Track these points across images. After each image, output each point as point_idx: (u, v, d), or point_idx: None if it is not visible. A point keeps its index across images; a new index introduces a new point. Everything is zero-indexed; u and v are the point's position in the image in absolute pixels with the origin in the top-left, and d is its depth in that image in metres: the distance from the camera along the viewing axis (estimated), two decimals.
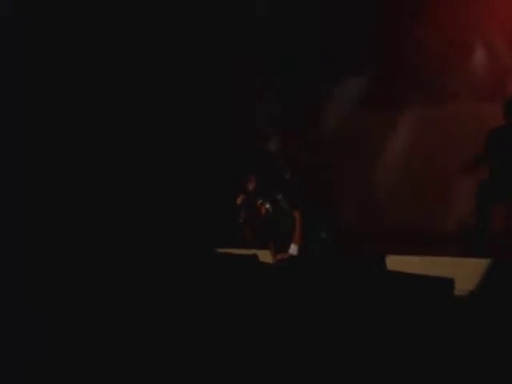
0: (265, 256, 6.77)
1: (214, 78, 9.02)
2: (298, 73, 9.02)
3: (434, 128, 8.80)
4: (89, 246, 6.39)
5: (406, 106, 8.95)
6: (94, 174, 8.65)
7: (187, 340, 4.41)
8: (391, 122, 9.02)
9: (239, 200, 6.97)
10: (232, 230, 7.36)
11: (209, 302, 4.70)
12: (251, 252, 6.75)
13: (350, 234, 7.75)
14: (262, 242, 7.04)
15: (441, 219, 8.40)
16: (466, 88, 8.74)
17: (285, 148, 9.06)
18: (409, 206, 8.63)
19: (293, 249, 6.67)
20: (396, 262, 5.78)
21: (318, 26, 8.93)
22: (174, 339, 4.42)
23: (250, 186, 6.96)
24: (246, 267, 5.59)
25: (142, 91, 8.91)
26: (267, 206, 6.96)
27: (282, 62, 9.15)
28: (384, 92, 9.01)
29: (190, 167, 8.90)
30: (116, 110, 8.85)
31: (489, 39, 8.66)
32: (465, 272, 5.48)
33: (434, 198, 8.61)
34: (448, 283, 4.27)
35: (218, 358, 4.26)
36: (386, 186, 8.90)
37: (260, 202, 6.98)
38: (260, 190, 6.93)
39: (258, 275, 5.31)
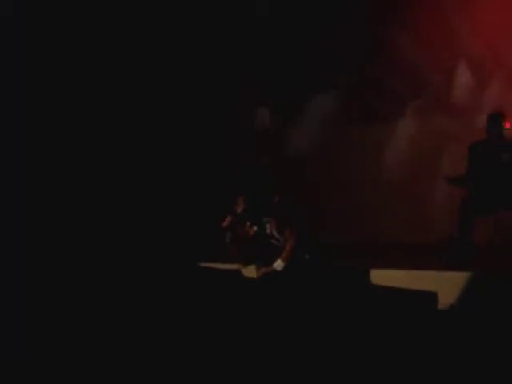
0: (249, 271, 6.78)
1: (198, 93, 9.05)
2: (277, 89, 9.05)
3: (415, 141, 8.90)
4: (75, 248, 6.42)
5: (387, 121, 9.03)
6: (81, 175, 8.68)
7: (170, 351, 4.40)
8: (372, 136, 9.08)
9: (226, 222, 7.06)
10: (219, 246, 7.38)
11: (192, 315, 4.71)
12: (235, 267, 6.78)
13: (334, 247, 7.76)
14: (248, 260, 7.05)
15: (424, 232, 8.44)
16: (445, 102, 8.81)
17: (267, 165, 9.10)
18: (392, 220, 8.67)
19: (278, 264, 6.67)
20: (380, 276, 5.78)
21: (295, 40, 8.97)
22: (157, 350, 4.41)
23: (238, 209, 7.06)
24: (229, 281, 5.61)
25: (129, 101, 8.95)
26: (255, 228, 6.99)
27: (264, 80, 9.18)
28: (364, 107, 9.07)
29: (181, 182, 8.91)
30: (109, 112, 8.85)
31: (471, 56, 8.73)
32: (448, 285, 5.49)
33: (417, 212, 8.66)
34: (431, 297, 4.28)
35: (201, 368, 4.24)
36: (369, 199, 8.93)
37: (248, 224, 7.02)
38: (248, 212, 6.99)
39: (241, 289, 5.33)
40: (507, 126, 7.51)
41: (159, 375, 4.25)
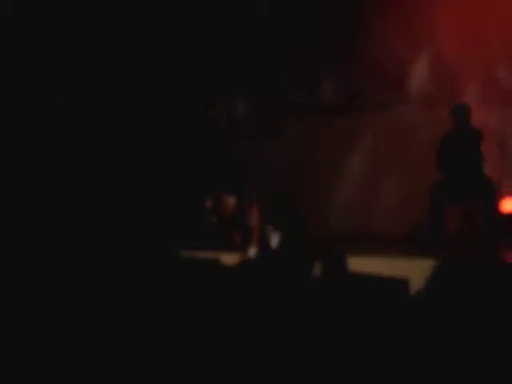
0: (229, 259, 6.86)
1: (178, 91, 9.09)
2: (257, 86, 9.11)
3: (388, 132, 9.04)
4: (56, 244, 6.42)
5: (361, 112, 9.12)
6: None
7: (147, 344, 4.43)
8: (346, 128, 9.19)
9: (208, 203, 7.07)
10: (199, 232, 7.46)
11: (170, 306, 4.72)
12: (214, 255, 6.84)
13: (312, 235, 7.89)
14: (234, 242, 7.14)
15: (396, 221, 8.60)
16: (423, 93, 8.95)
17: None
18: (364, 209, 8.80)
19: (251, 251, 6.78)
20: (355, 263, 5.91)
21: (275, 36, 9.05)
22: (133, 343, 4.44)
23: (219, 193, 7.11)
24: (208, 270, 5.62)
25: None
26: (232, 200, 7.06)
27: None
28: (340, 100, 9.16)
29: (159, 173, 8.95)
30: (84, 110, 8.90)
31: (446, 45, 8.86)
32: (420, 272, 5.63)
33: (389, 201, 8.79)
34: (403, 283, 4.38)
35: (180, 362, 4.29)
36: (340, 191, 9.08)
37: (226, 197, 7.06)
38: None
39: (219, 278, 5.33)
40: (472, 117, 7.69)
41: (138, 367, 4.27)
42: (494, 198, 7.57)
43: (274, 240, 6.93)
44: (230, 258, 6.71)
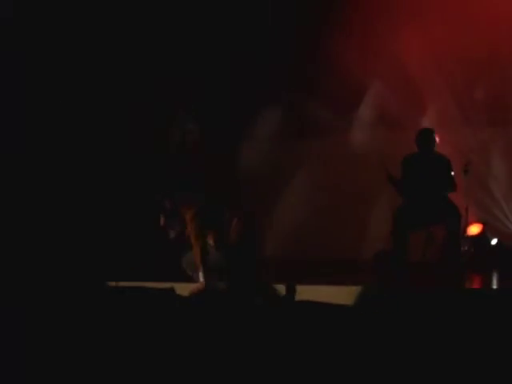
0: (182, 289, 6.67)
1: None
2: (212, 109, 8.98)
3: (349, 157, 8.89)
4: None
5: (321, 136, 9.00)
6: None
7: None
8: (306, 153, 9.09)
9: (161, 221, 6.87)
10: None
11: (121, 341, 4.52)
12: (167, 285, 6.62)
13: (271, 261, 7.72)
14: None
15: (357, 248, 8.43)
16: (382, 116, 8.84)
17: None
18: (326, 235, 8.65)
19: (200, 276, 6.68)
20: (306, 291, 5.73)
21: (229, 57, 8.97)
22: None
23: (167, 204, 6.88)
24: (161, 301, 5.45)
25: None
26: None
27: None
28: (298, 123, 9.06)
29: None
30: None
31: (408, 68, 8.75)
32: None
33: (351, 227, 8.65)
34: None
35: None
36: (304, 215, 8.89)
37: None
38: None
39: (174, 310, 5.15)
40: (437, 140, 7.55)
41: None
42: (459, 222, 7.41)
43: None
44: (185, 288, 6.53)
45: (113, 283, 6.72)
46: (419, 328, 4.18)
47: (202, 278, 6.65)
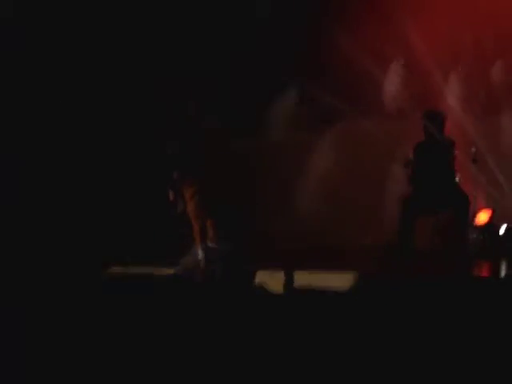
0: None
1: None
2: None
3: (356, 144, 8.83)
4: None
5: (328, 124, 8.93)
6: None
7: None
8: (313, 140, 8.99)
9: (171, 196, 6.88)
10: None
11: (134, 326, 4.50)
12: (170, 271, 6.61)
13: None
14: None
15: (364, 235, 8.37)
16: (388, 105, 8.75)
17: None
18: (331, 223, 8.59)
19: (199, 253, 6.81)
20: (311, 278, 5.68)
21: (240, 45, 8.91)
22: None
23: (175, 176, 6.90)
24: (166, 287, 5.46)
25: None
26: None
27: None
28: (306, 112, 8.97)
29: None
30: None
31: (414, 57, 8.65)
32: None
33: (357, 214, 8.59)
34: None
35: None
36: (310, 203, 8.82)
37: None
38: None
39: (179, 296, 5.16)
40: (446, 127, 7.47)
41: None
42: (468, 210, 7.33)
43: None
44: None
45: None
46: (426, 316, 4.13)
47: (200, 255, 6.69)
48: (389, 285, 4.53)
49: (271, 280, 5.50)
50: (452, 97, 8.69)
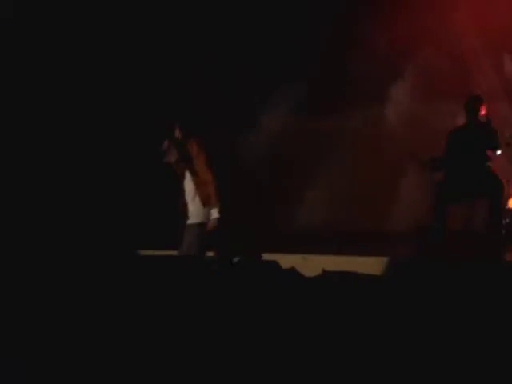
0: None
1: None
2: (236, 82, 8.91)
3: (384, 129, 8.82)
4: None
5: (352, 108, 8.88)
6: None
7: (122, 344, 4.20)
8: (340, 125, 8.97)
9: (165, 144, 6.71)
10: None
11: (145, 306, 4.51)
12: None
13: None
14: None
15: (396, 220, 8.34)
16: (414, 89, 8.73)
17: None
18: (363, 207, 8.57)
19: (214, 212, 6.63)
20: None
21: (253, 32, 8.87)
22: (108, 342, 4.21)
23: (177, 133, 6.80)
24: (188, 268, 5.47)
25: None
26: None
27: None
28: (327, 96, 8.92)
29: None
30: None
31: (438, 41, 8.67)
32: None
33: (389, 199, 8.56)
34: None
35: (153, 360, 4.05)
36: (338, 187, 8.81)
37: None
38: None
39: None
40: (483, 111, 7.38)
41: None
42: (501, 195, 7.26)
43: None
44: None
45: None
46: (457, 299, 4.12)
47: (216, 214, 6.60)
48: (423, 268, 4.51)
49: (305, 264, 5.54)
50: (487, 80, 8.64)
